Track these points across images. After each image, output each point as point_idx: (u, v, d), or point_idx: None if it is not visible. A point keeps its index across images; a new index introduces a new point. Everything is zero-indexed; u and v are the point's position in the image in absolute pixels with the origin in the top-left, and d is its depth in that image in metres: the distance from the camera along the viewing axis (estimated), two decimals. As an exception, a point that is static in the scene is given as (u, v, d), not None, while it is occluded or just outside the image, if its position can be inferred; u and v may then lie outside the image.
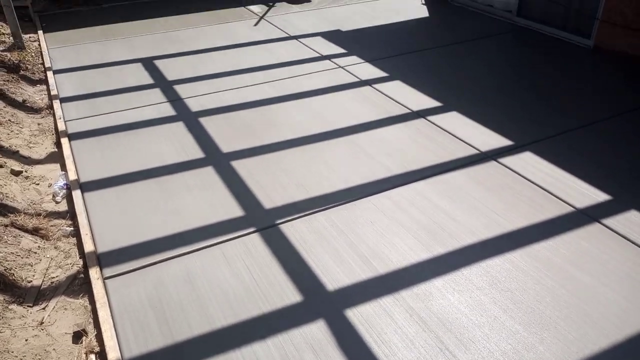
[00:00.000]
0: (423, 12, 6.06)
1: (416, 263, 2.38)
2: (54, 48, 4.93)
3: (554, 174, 3.02)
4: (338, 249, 2.46)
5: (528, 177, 2.99)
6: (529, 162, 3.13)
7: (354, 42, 5.10)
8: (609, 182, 2.94)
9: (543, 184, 2.93)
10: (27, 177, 3.16)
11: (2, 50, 4.67)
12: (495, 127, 3.53)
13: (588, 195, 2.84)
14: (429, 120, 3.64)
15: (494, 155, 3.21)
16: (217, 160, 3.18)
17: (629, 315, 2.11)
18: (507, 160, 3.16)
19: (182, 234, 2.56)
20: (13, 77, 4.31)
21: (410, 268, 2.35)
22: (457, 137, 3.41)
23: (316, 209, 2.73)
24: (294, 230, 2.58)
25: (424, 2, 6.42)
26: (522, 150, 3.26)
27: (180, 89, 4.10)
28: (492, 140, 3.38)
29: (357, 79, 4.29)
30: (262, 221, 2.64)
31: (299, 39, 5.18)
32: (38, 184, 3.13)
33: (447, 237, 2.54)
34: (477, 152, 3.24)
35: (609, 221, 2.64)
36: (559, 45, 5.00)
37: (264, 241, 2.51)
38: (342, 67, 4.52)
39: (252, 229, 2.58)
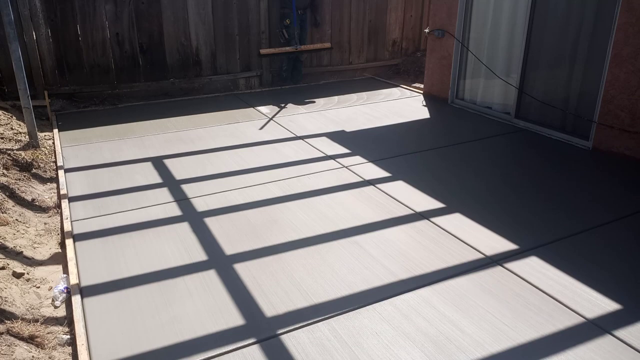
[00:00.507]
0: (424, 113, 6.30)
1: (423, 379, 2.28)
2: (67, 146, 5.10)
3: (561, 281, 2.97)
4: (341, 363, 2.37)
5: (535, 283, 2.94)
6: (535, 267, 3.09)
7: (358, 142, 5.25)
8: (617, 289, 2.88)
9: (551, 291, 2.87)
10: (28, 280, 3.14)
11: (17, 149, 4.83)
12: (499, 229, 3.53)
13: (597, 304, 2.77)
14: (432, 222, 3.65)
15: (500, 259, 3.18)
16: (220, 262, 3.16)
17: None
18: (514, 265, 3.12)
19: (180, 345, 2.49)
20: (25, 176, 4.42)
21: (416, 385, 2.25)
22: (462, 240, 3.40)
23: (319, 318, 2.67)
24: (296, 341, 2.50)
25: (424, 103, 6.69)
26: (527, 254, 3.23)
27: (187, 188, 4.18)
28: (496, 243, 3.36)
29: (360, 179, 4.37)
30: (263, 331, 2.57)
31: (305, 139, 5.35)
32: (39, 287, 3.10)
33: (455, 350, 2.45)
34: (482, 256, 3.22)
35: (621, 333, 2.55)
36: (558, 147, 5.12)
37: (264, 354, 2.42)
38: (346, 167, 4.62)
39: (252, 340, 2.51)
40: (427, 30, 6.89)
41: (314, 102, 6.79)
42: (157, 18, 6.74)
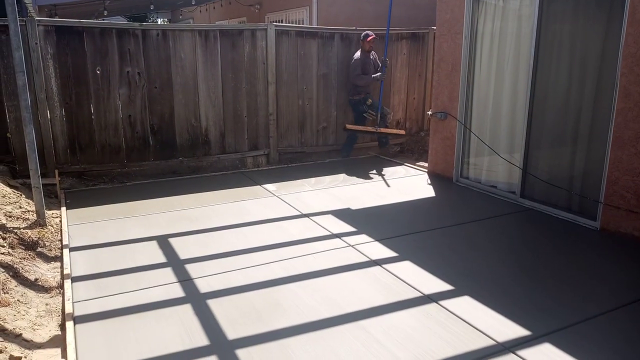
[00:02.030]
0: (429, 192, 6.34)
1: None
2: (73, 225, 5.13)
3: (577, 370, 2.84)
4: None
5: (550, 373, 2.81)
6: (550, 356, 2.97)
7: (364, 220, 5.25)
8: (638, 380, 2.75)
9: (567, 381, 2.74)
10: (24, 364, 3.04)
11: (24, 228, 4.86)
12: (509, 314, 3.43)
13: (618, 396, 2.63)
14: (441, 305, 3.56)
15: (512, 346, 3.06)
16: (222, 348, 3.06)
17: None
18: (526, 353, 3.00)
19: None
20: (29, 255, 4.41)
21: None
22: (472, 325, 3.29)
23: (324, 410, 2.54)
24: None
25: (429, 182, 6.75)
26: (540, 341, 3.11)
27: (190, 268, 4.13)
28: (507, 328, 3.25)
29: (367, 259, 4.32)
30: None
31: (310, 217, 5.36)
32: (34, 372, 3.00)
33: None
34: (493, 342, 3.10)
35: None
36: (565, 227, 5.09)
37: None
38: (352, 246, 4.59)
39: None
40: (429, 113, 7.09)
41: (320, 179, 6.87)
42: (168, 101, 7.00)
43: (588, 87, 5.08)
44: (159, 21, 24.60)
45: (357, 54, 7.75)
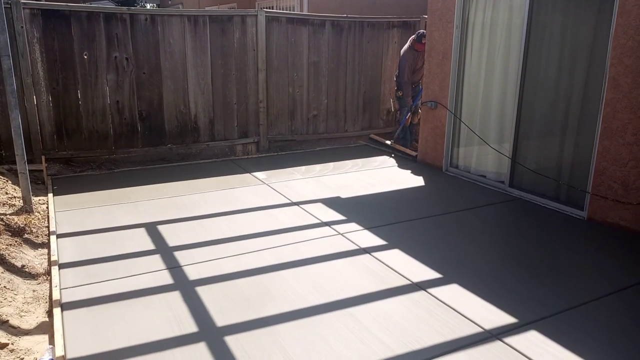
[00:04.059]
0: (418, 181, 6.36)
1: None
2: (61, 211, 5.07)
3: (563, 357, 2.87)
4: None
5: None
6: (535, 342, 3.01)
7: (353, 209, 5.26)
8: (622, 367, 2.80)
9: (553, 368, 2.78)
10: (12, 350, 3.02)
11: (11, 214, 4.80)
12: (497, 301, 3.46)
13: (602, 382, 2.67)
14: (429, 293, 3.58)
15: (499, 334, 3.09)
16: (211, 335, 3.06)
17: None
18: (513, 340, 3.04)
19: None
20: (16, 241, 4.36)
21: None
22: (459, 312, 3.32)
23: (313, 396, 2.55)
24: (288, 421, 2.38)
25: (419, 171, 6.76)
26: (527, 328, 3.15)
27: (179, 256, 4.12)
28: (494, 316, 3.29)
29: (356, 247, 4.33)
30: (254, 410, 2.45)
31: (300, 205, 5.35)
32: (23, 359, 2.98)
33: None
34: (480, 330, 3.14)
35: (628, 415, 2.44)
36: (553, 216, 5.14)
37: None
38: (341, 234, 4.59)
39: (242, 420, 2.38)
40: (420, 102, 7.08)
41: (310, 168, 6.86)
42: (157, 87, 6.92)
43: (578, 77, 5.10)
44: (148, 6, 24.26)
45: (406, 51, 7.65)
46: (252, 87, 7.54)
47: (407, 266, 3.99)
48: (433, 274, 3.86)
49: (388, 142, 7.94)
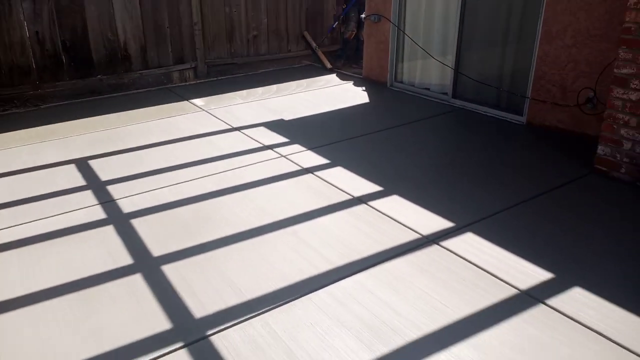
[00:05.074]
0: (363, 98, 6.24)
1: (358, 368, 2.20)
2: (-16, 153, 4.74)
3: (495, 255, 2.96)
4: None
5: (470, 259, 2.92)
6: (470, 243, 3.08)
7: (297, 130, 5.14)
8: (548, 259, 2.91)
9: (486, 265, 2.86)
10: None
11: None
12: (436, 209, 3.50)
13: (530, 274, 2.78)
14: (370, 206, 3.59)
15: (436, 238, 3.14)
16: (147, 265, 2.98)
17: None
18: (449, 243, 3.10)
19: (100, 357, 2.31)
20: None
21: (351, 374, 2.17)
22: (398, 222, 3.35)
23: (252, 314, 2.55)
24: (227, 341, 2.37)
25: (364, 88, 6.64)
26: (463, 231, 3.21)
27: (113, 190, 3.95)
28: (433, 222, 3.33)
29: (299, 167, 4.26)
30: (192, 333, 2.43)
31: (242, 130, 5.18)
32: (-53, 307, 2.83)
33: (391, 333, 2.39)
34: (419, 236, 3.18)
35: (553, 301, 2.56)
36: (493, 123, 5.18)
37: (192, 358, 2.28)
38: (284, 157, 4.50)
39: (179, 344, 2.36)
40: (363, 16, 6.82)
41: (252, 91, 6.62)
42: (79, 14, 6.37)
43: (516, -21, 4.97)
44: None
45: None
46: (184, 9, 7.04)
47: (349, 182, 3.96)
48: (374, 188, 3.85)
49: (314, 44, 8.00)
